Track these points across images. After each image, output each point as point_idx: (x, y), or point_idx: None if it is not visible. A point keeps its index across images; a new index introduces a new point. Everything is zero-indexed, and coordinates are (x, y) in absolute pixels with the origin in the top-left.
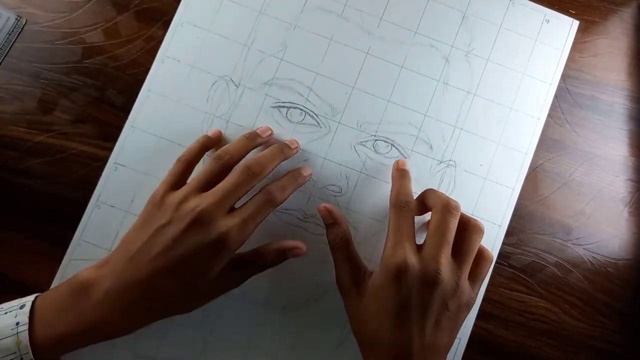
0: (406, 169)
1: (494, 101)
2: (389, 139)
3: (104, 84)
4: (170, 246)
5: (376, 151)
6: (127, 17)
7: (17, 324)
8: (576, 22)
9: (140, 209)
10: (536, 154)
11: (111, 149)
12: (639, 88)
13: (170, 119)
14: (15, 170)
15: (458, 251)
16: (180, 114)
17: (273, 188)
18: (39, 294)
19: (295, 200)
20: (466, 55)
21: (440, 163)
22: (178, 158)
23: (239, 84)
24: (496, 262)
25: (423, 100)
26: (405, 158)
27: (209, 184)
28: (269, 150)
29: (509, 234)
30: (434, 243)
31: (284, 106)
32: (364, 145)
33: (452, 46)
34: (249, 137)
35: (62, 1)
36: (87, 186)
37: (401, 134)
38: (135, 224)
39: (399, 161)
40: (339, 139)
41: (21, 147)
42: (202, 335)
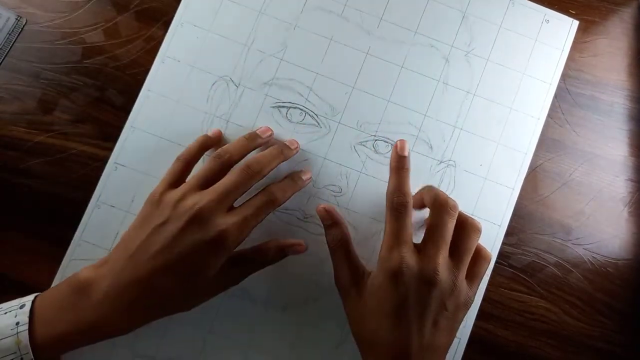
0: (406, 155)
1: (494, 101)
2: (389, 139)
3: (104, 84)
4: (168, 244)
5: (376, 151)
6: (127, 17)
7: (17, 323)
8: (576, 22)
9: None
10: (536, 154)
11: (111, 149)
12: (639, 88)
13: (170, 119)
14: (15, 170)
15: (455, 251)
16: (181, 114)
17: (274, 189)
18: (38, 294)
19: (295, 200)
20: (466, 55)
21: (440, 163)
22: (177, 157)
23: (239, 84)
24: (496, 262)
25: (423, 100)
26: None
27: (208, 182)
28: (269, 150)
29: (509, 234)
30: (431, 243)
31: (284, 106)
32: (364, 145)
33: (452, 46)
34: (249, 137)
35: (62, 1)
36: (87, 186)
37: (401, 134)
38: (134, 223)
39: (399, 144)
40: (339, 139)
41: (21, 147)
42: (202, 334)
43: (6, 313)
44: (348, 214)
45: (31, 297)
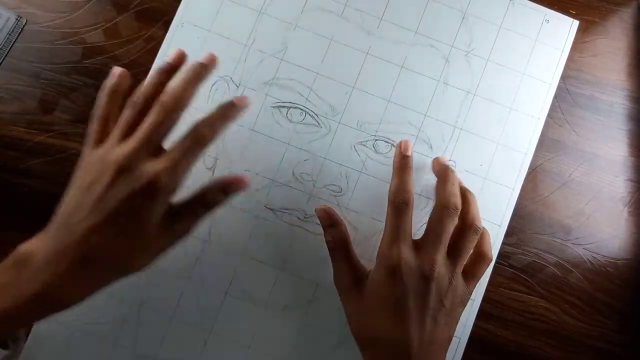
0: (409, 154)
1: (493, 101)
2: (389, 138)
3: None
4: (99, 201)
5: (376, 151)
6: (127, 17)
7: None
8: (576, 22)
9: None
10: (536, 154)
11: None
12: (638, 88)
13: None
14: (15, 170)
15: (453, 250)
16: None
17: (201, 125)
18: None
19: (296, 200)
20: (466, 55)
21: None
22: (92, 114)
23: (239, 83)
24: (496, 262)
25: (423, 100)
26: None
27: (129, 131)
28: (181, 75)
29: (508, 234)
30: (429, 242)
31: (284, 106)
32: (364, 145)
33: (452, 46)
34: (159, 68)
35: (62, 1)
36: None
37: (401, 133)
38: (67, 190)
39: (403, 143)
40: (339, 138)
41: (21, 147)
42: (203, 334)
43: None
44: (348, 214)
45: None
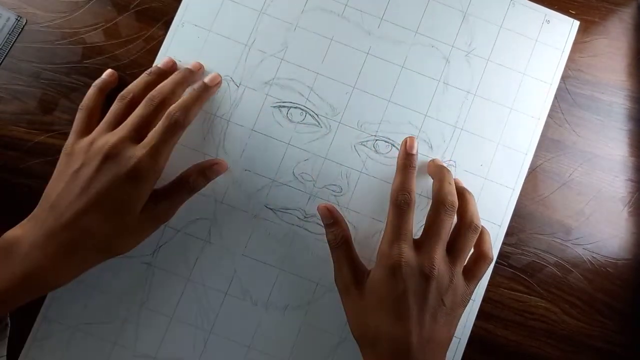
0: (414, 153)
1: (494, 101)
2: (389, 139)
3: None
4: (87, 186)
5: (376, 151)
6: (127, 17)
7: None
8: (577, 23)
9: None
10: (536, 154)
11: None
12: (638, 88)
13: None
14: (15, 170)
15: (452, 248)
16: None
17: (173, 109)
18: None
19: (296, 199)
20: (466, 56)
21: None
22: (79, 107)
23: (240, 83)
24: (496, 262)
25: (423, 100)
26: None
27: (117, 124)
28: (170, 77)
29: (508, 234)
30: (428, 239)
31: (284, 106)
32: (364, 145)
33: (453, 46)
34: (150, 71)
35: (62, 1)
36: None
37: (401, 133)
38: (52, 177)
39: (408, 140)
40: (339, 138)
41: (21, 147)
42: (202, 334)
43: None
44: (348, 214)
45: None
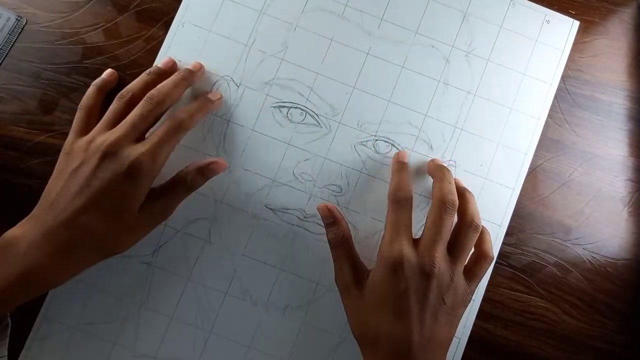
0: (406, 161)
1: (494, 101)
2: (389, 139)
3: None
4: (86, 184)
5: (376, 151)
6: (127, 18)
7: None
8: (577, 23)
9: None
10: (536, 154)
11: None
12: (638, 88)
13: None
14: (15, 170)
15: (453, 247)
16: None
17: (179, 111)
18: None
19: (296, 199)
20: (466, 56)
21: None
22: (78, 106)
23: (240, 83)
24: (496, 262)
25: (423, 100)
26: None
27: (115, 123)
28: (171, 77)
29: (508, 233)
30: (429, 238)
31: (284, 106)
32: (364, 145)
33: (453, 46)
34: (150, 71)
35: (62, 1)
36: None
37: (401, 134)
38: (52, 176)
39: (399, 153)
40: (339, 138)
41: (21, 147)
42: (202, 334)
43: None
44: (348, 214)
45: None
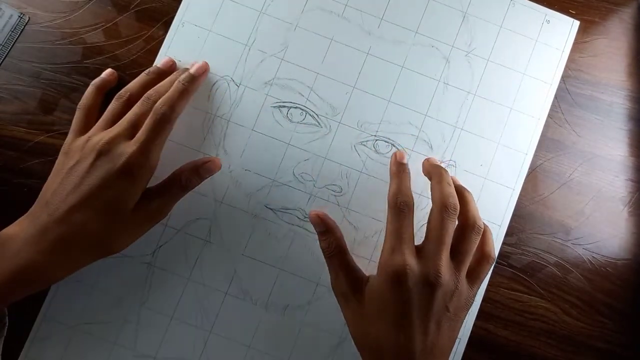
0: (404, 162)
1: (494, 101)
2: (389, 139)
3: None
4: (80, 182)
5: (377, 151)
6: (127, 18)
7: None
8: (577, 23)
9: None
10: (536, 154)
11: None
12: (638, 88)
13: None
14: (15, 170)
15: (456, 252)
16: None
17: (159, 104)
18: None
19: (296, 199)
20: (466, 56)
21: (441, 163)
22: (77, 106)
23: (240, 83)
24: (496, 262)
25: (423, 100)
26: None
27: (114, 123)
28: (168, 77)
29: (508, 233)
30: (432, 245)
31: (284, 106)
32: (364, 145)
33: (453, 46)
34: (149, 71)
35: (62, 1)
36: None
37: (401, 134)
38: (50, 175)
39: (397, 153)
40: (339, 138)
41: (21, 147)
42: (203, 334)
43: None
44: (348, 214)
45: None
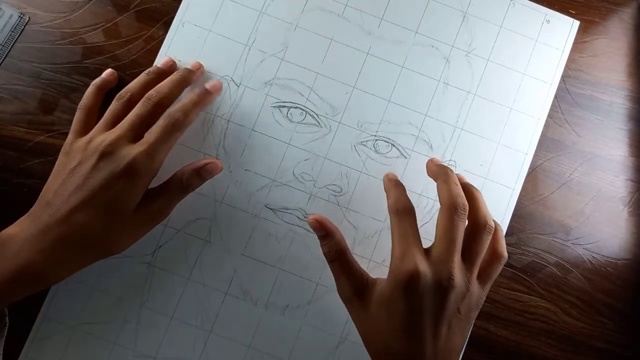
0: (397, 178)
1: (494, 101)
2: (389, 138)
3: None
4: (82, 183)
5: (377, 151)
6: (127, 17)
7: None
8: (577, 22)
9: None
10: (536, 154)
11: None
12: (638, 88)
13: None
14: (15, 170)
15: (467, 253)
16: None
17: (174, 110)
18: None
19: (296, 200)
20: (466, 56)
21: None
22: (78, 106)
23: (240, 83)
24: None
25: (423, 100)
26: (406, 158)
27: (114, 123)
28: (169, 77)
29: (509, 233)
30: (443, 247)
31: (284, 106)
32: (364, 145)
33: (453, 46)
34: (149, 71)
35: (62, 1)
36: None
37: (401, 133)
38: (50, 175)
39: (389, 174)
40: (339, 138)
41: (21, 147)
42: (202, 334)
43: None
44: (348, 214)
45: None
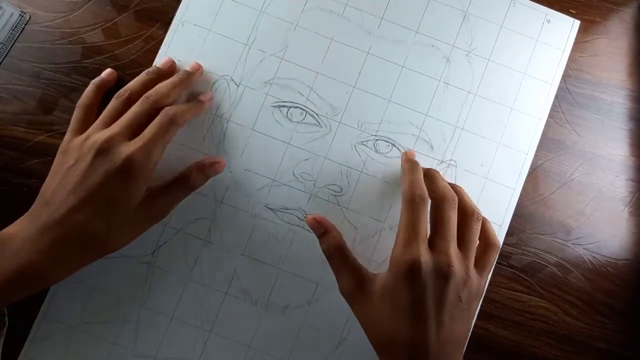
0: (416, 160)
1: (494, 101)
2: (389, 138)
3: None
4: (80, 181)
5: (377, 151)
6: (127, 17)
7: None
8: (577, 22)
9: None
10: (536, 154)
11: None
12: (639, 88)
13: None
14: (15, 170)
15: (461, 241)
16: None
17: (170, 108)
18: None
19: (296, 200)
20: (467, 55)
21: (441, 163)
22: (76, 104)
23: (240, 83)
24: (496, 262)
25: (424, 100)
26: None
27: (112, 122)
28: (169, 79)
29: (509, 233)
30: (440, 237)
31: (284, 105)
32: (364, 144)
33: (453, 46)
34: (149, 71)
35: (62, 1)
36: None
37: (402, 133)
38: (48, 175)
39: (408, 152)
40: (339, 138)
41: (21, 147)
42: (202, 334)
43: None
44: (348, 214)
45: None
